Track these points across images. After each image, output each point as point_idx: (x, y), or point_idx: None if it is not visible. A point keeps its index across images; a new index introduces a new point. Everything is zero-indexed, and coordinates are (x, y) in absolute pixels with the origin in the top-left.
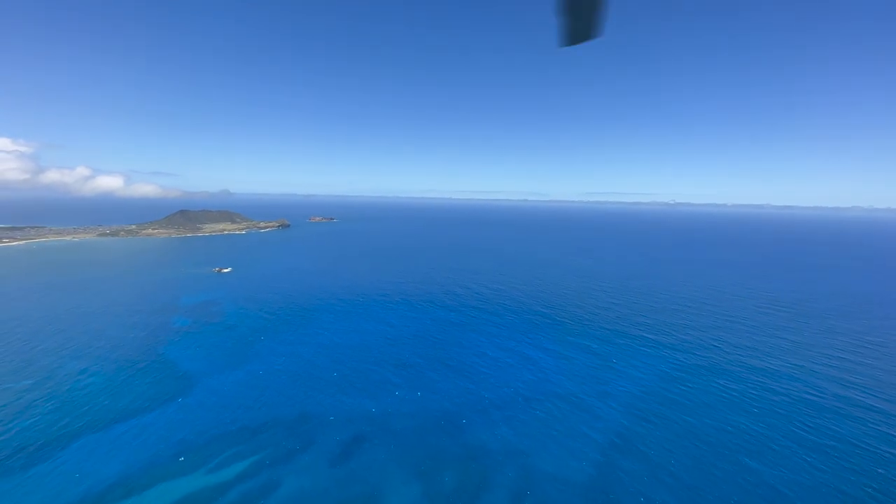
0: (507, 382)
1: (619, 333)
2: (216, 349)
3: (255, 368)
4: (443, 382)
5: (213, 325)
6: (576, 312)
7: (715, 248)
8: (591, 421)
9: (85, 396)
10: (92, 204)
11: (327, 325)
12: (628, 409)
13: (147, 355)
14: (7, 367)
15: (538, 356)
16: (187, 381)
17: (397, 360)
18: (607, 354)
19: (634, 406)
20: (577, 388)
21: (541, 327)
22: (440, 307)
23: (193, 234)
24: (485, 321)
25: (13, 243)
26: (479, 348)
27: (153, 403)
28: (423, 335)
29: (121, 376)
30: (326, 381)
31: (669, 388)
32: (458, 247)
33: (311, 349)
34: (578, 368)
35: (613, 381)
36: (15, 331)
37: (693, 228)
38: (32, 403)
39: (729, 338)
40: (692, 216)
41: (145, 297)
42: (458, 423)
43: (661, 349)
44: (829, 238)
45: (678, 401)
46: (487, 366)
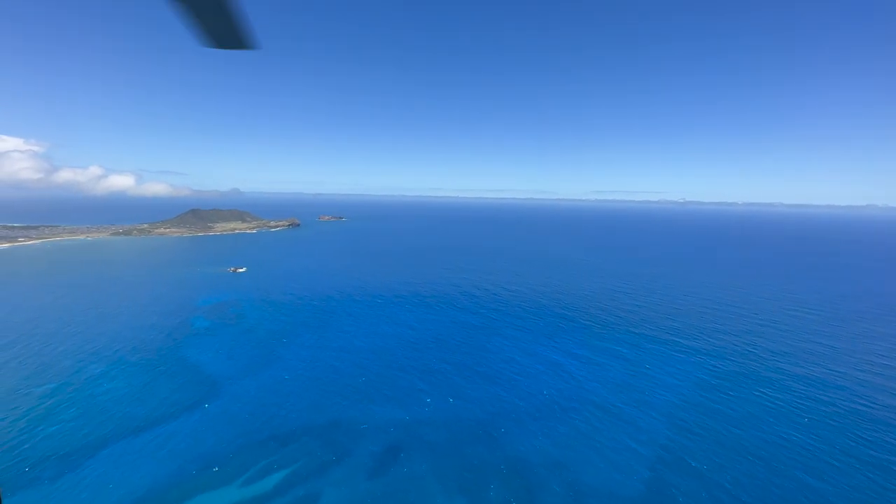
0: (540, 390)
1: (647, 338)
2: (238, 352)
3: (278, 373)
4: (473, 389)
5: (233, 326)
6: (599, 315)
7: (732, 248)
8: (633, 432)
9: (108, 402)
10: (104, 203)
11: (347, 327)
12: (670, 420)
13: (169, 358)
14: (28, 369)
15: (567, 362)
16: (211, 386)
17: (423, 365)
18: (639, 360)
19: (676, 416)
20: (613, 397)
21: (566, 331)
22: (459, 309)
23: (205, 234)
24: (507, 324)
25: (29, 242)
26: (506, 353)
27: (178, 409)
28: (445, 339)
29: (143, 380)
30: (353, 388)
31: (710, 397)
32: (470, 246)
33: (332, 353)
34: (612, 375)
35: (650, 389)
36: (34, 332)
37: (707, 228)
38: (55, 409)
39: (763, 342)
40: (705, 215)
41: (163, 297)
42: (495, 433)
43: (694, 355)
44: (848, 237)
45: (721, 410)
46: (517, 372)
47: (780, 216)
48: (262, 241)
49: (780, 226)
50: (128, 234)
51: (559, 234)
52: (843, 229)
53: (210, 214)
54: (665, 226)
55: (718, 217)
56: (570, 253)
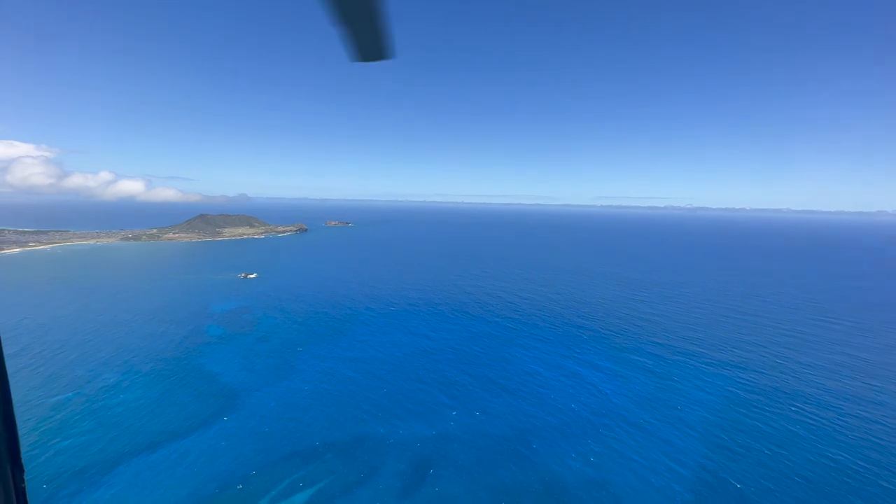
0: (567, 404)
1: (670, 348)
2: (254, 362)
3: (296, 385)
4: (498, 403)
5: (247, 334)
6: (617, 324)
7: (746, 255)
8: (670, 451)
9: (123, 413)
10: (114, 208)
11: (362, 337)
12: (708, 438)
13: (184, 367)
14: (40, 377)
15: (592, 374)
16: (228, 398)
17: (443, 377)
18: (666, 373)
19: (714, 434)
20: (644, 413)
21: (585, 341)
22: (474, 318)
23: (213, 239)
24: (525, 334)
25: (39, 247)
26: (527, 364)
27: (196, 422)
28: (463, 349)
29: (159, 390)
30: (373, 401)
31: (746, 413)
32: (479, 252)
33: (350, 364)
34: (639, 388)
35: (683, 405)
36: (45, 339)
37: (717, 234)
38: (68, 421)
39: (792, 354)
40: (714, 221)
41: (175, 303)
42: (525, 451)
43: (722, 367)
44: (863, 244)
45: (760, 428)
46: (541, 384)
47: (790, 222)
48: (270, 247)
49: (792, 232)
50: (137, 239)
51: (567, 240)
52: (857, 236)
53: (218, 220)
54: (674, 232)
55: (728, 223)
56: (581, 260)
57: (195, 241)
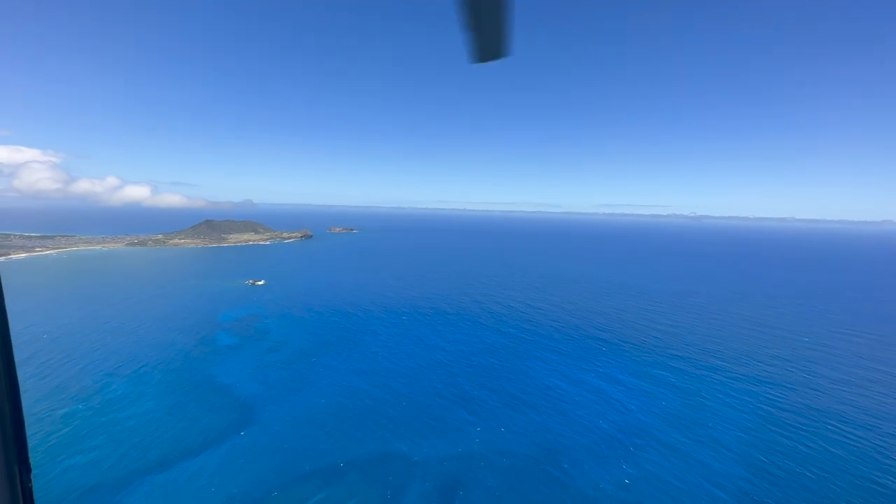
0: (594, 422)
1: (691, 362)
2: (267, 374)
3: (311, 400)
4: (522, 420)
5: (258, 344)
6: (635, 336)
7: (756, 264)
8: (708, 475)
9: (135, 427)
10: (119, 213)
11: (375, 348)
12: (746, 460)
13: (195, 377)
14: (46, 387)
15: (615, 389)
16: (243, 411)
17: (462, 391)
18: (692, 389)
19: (751, 455)
20: (676, 432)
21: (603, 353)
22: (487, 328)
23: (219, 245)
24: (541, 346)
25: (46, 252)
26: (548, 378)
27: (211, 437)
28: (479, 362)
29: (171, 402)
30: (392, 417)
31: (782, 433)
32: (486, 260)
33: (365, 377)
34: (667, 405)
35: (715, 424)
36: (52, 347)
37: (724, 243)
38: (78, 435)
39: (819, 369)
40: (719, 230)
41: (183, 310)
42: (556, 472)
43: (751, 383)
44: (874, 255)
45: (799, 450)
46: (564, 400)
47: (796, 231)
48: (276, 253)
49: (799, 241)
50: (143, 245)
51: (573, 248)
52: (865, 245)
53: (224, 226)
54: (680, 241)
55: (733, 232)
56: (589, 268)
57: (201, 247)
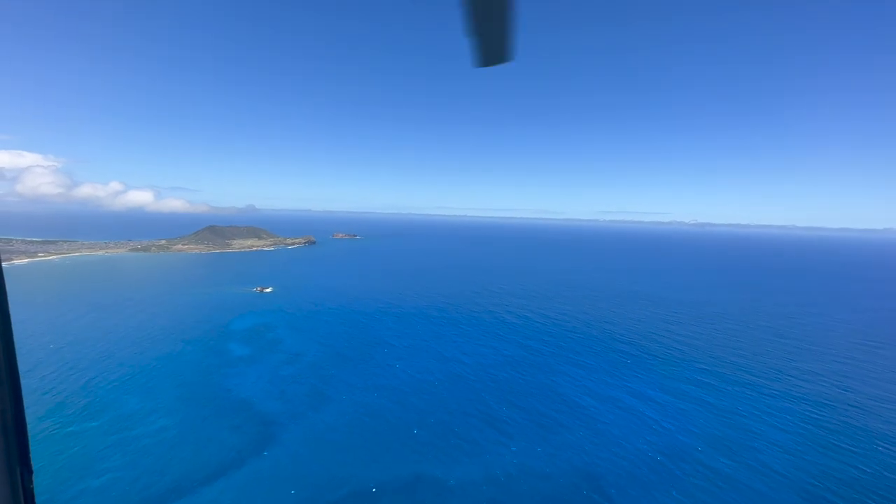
0: (633, 443)
1: (720, 377)
2: (284, 388)
3: (333, 418)
4: (557, 441)
5: (273, 355)
6: (657, 347)
7: (765, 272)
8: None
9: (155, 445)
10: (121, 218)
11: (391, 360)
12: (802, 487)
13: (212, 391)
14: (50, 402)
15: (647, 407)
16: (266, 428)
17: (489, 409)
18: (727, 406)
19: (806, 482)
20: (721, 455)
21: (628, 367)
22: (504, 340)
23: (223, 251)
24: (562, 358)
25: (48, 257)
26: (577, 395)
27: (229, 459)
28: (502, 377)
29: (185, 418)
30: (419, 438)
31: (834, 457)
32: (491, 267)
33: (385, 394)
34: (705, 424)
35: (761, 446)
36: (53, 357)
37: (729, 250)
38: (89, 454)
39: (857, 385)
40: (722, 237)
41: (192, 318)
42: (604, 501)
43: (787, 400)
44: (880, 262)
45: (855, 476)
46: (598, 419)
47: (799, 239)
48: (281, 259)
49: (803, 249)
50: (146, 251)
51: (578, 255)
52: (870, 253)
53: (227, 231)
54: (686, 248)
55: (737, 239)
56: (598, 276)
57: (205, 253)
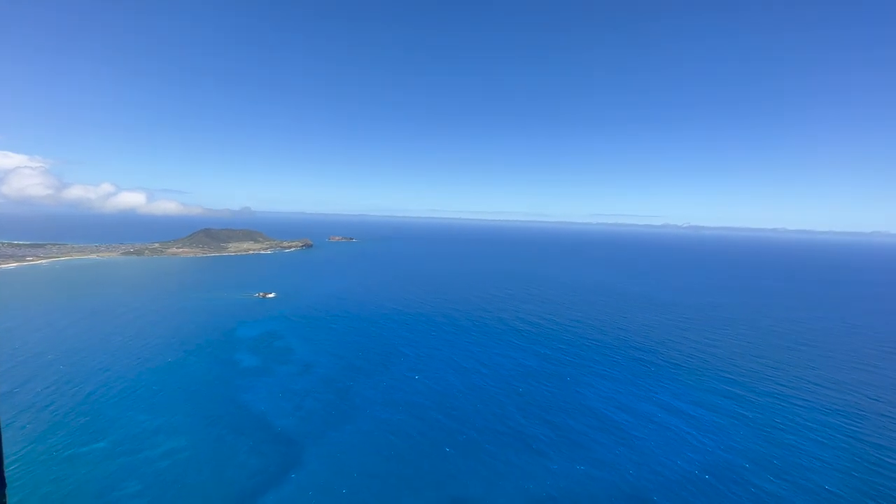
0: (674, 461)
1: (750, 388)
2: (302, 402)
3: (357, 439)
4: (596, 459)
5: (284, 366)
6: (677, 355)
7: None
8: None
9: (173, 469)
10: (112, 221)
11: (408, 371)
12: None
13: (227, 407)
14: (54, 416)
15: (681, 421)
16: (289, 447)
17: (518, 424)
18: (765, 421)
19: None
20: (771, 475)
21: (652, 376)
22: (520, 349)
23: (219, 254)
24: (584, 369)
25: (37, 262)
26: (606, 409)
27: (258, 483)
28: (526, 389)
29: (207, 437)
30: (451, 459)
31: (892, 477)
32: (491, 270)
33: (407, 410)
34: (744, 439)
35: (808, 463)
36: (47, 370)
37: (725, 253)
38: (111, 479)
39: (888, 395)
40: (717, 241)
41: (197, 326)
42: None
43: (824, 413)
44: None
45: None
46: (634, 435)
47: (790, 242)
48: (280, 263)
49: (796, 252)
50: (139, 254)
51: (576, 258)
52: (862, 256)
53: (222, 234)
54: (683, 251)
55: (731, 242)
56: (601, 279)
57: (200, 257)
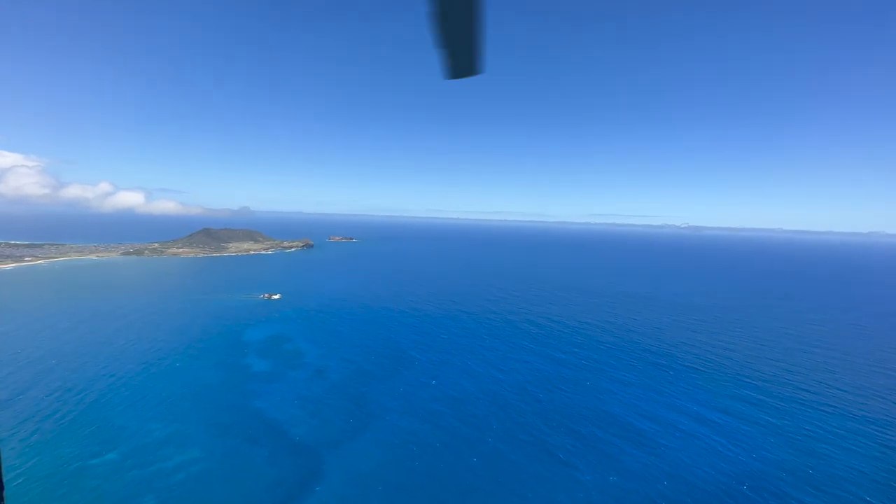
0: (707, 471)
1: (771, 393)
2: (319, 409)
3: (378, 451)
4: (629, 470)
5: (297, 371)
6: (694, 359)
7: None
8: None
9: (191, 482)
10: (110, 220)
11: (423, 378)
12: None
13: (240, 414)
14: (60, 425)
15: (708, 429)
16: (307, 461)
17: (541, 433)
18: (792, 428)
19: None
20: (810, 485)
21: (673, 383)
22: (532, 353)
23: (220, 254)
24: (600, 374)
25: (36, 262)
26: (630, 416)
27: (283, 495)
28: (545, 397)
29: (222, 448)
30: (479, 472)
31: None
32: (496, 271)
33: (426, 418)
34: (776, 448)
35: (846, 475)
36: (55, 373)
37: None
38: (125, 494)
39: None
40: (717, 241)
41: (203, 329)
42: None
43: (854, 420)
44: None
45: None
46: (663, 444)
47: (789, 242)
48: (282, 264)
49: (797, 251)
50: (139, 254)
51: (578, 258)
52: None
53: (222, 234)
54: (683, 251)
55: (730, 242)
56: (605, 280)
57: (201, 257)
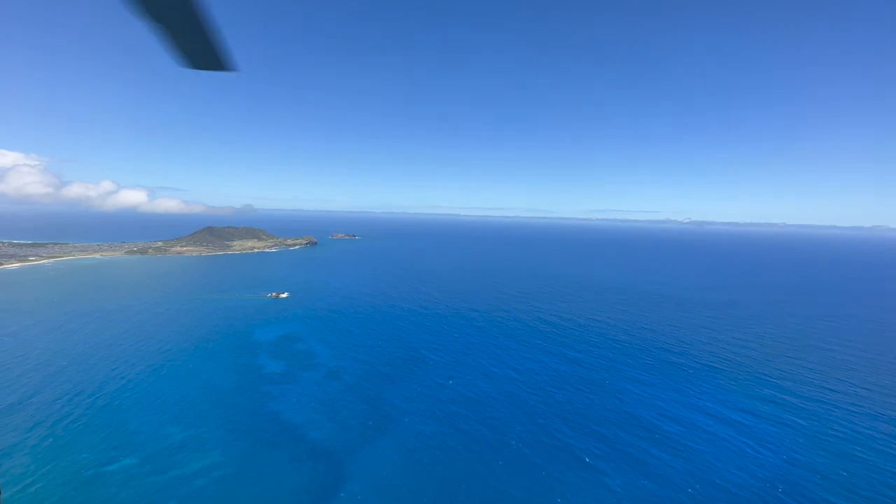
0: (737, 474)
1: (794, 393)
2: (336, 410)
3: (399, 455)
4: (660, 475)
5: (310, 371)
6: (711, 358)
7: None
8: None
9: (215, 488)
10: (113, 219)
11: (437, 378)
12: None
13: (259, 417)
14: (76, 428)
15: (735, 430)
16: (329, 466)
17: (565, 436)
18: (821, 429)
19: None
20: (847, 490)
21: (693, 382)
22: (547, 352)
23: (224, 252)
24: (618, 374)
25: (40, 261)
26: (654, 417)
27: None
28: (565, 398)
29: (241, 452)
30: (501, 476)
31: None
32: (501, 268)
33: (446, 421)
34: (806, 450)
35: (883, 478)
36: (66, 375)
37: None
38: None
39: None
40: (721, 236)
41: (212, 329)
42: None
43: (878, 420)
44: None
45: None
46: (690, 446)
47: (793, 237)
48: (286, 262)
49: (801, 246)
50: (143, 253)
51: (584, 254)
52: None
53: (226, 232)
54: (687, 247)
55: (734, 238)
56: (613, 277)
57: (205, 255)
